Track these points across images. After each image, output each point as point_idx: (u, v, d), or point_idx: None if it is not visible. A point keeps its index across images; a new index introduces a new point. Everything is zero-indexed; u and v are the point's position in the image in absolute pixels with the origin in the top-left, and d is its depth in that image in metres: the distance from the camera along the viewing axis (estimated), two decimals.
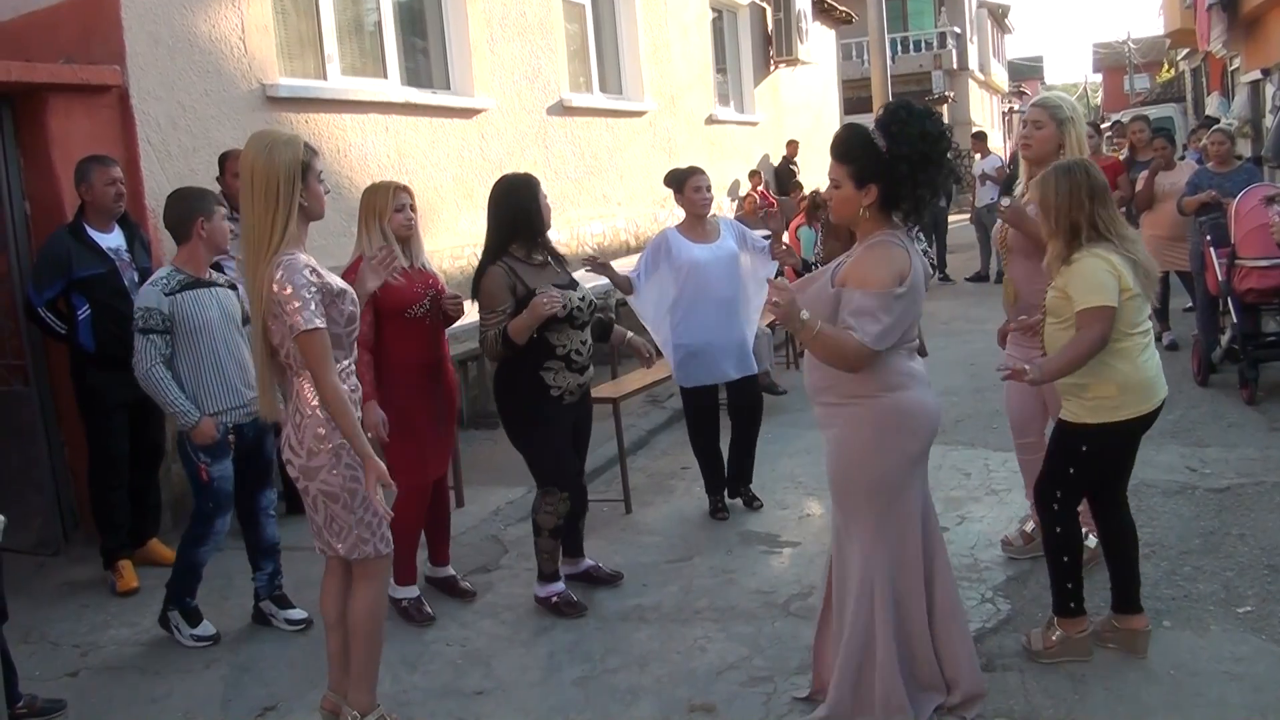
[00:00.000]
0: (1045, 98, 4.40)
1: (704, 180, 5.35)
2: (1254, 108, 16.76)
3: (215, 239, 4.26)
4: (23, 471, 5.50)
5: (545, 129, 9.32)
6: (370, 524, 3.27)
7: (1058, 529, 3.64)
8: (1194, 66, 27.33)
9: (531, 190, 4.31)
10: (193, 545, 4.35)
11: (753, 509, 5.56)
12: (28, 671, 3.99)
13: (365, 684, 3.40)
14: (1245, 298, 6.79)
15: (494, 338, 4.16)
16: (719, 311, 5.27)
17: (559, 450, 4.35)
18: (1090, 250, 3.46)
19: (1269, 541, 4.52)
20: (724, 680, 3.75)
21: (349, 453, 3.17)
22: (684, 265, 5.22)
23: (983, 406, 7.15)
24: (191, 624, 4.36)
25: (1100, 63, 52.27)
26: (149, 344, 4.11)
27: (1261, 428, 6.20)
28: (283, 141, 3.13)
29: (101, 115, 5.64)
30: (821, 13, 17.00)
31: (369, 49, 7.79)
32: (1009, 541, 4.64)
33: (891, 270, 3.07)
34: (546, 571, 4.45)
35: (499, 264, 4.23)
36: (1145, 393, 3.54)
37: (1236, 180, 7.35)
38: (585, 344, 4.38)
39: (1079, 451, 3.58)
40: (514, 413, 4.35)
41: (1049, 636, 3.66)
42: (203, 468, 4.20)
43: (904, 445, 3.21)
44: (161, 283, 4.18)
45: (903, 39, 30.82)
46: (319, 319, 3.08)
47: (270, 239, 3.09)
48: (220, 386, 4.22)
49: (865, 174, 3.11)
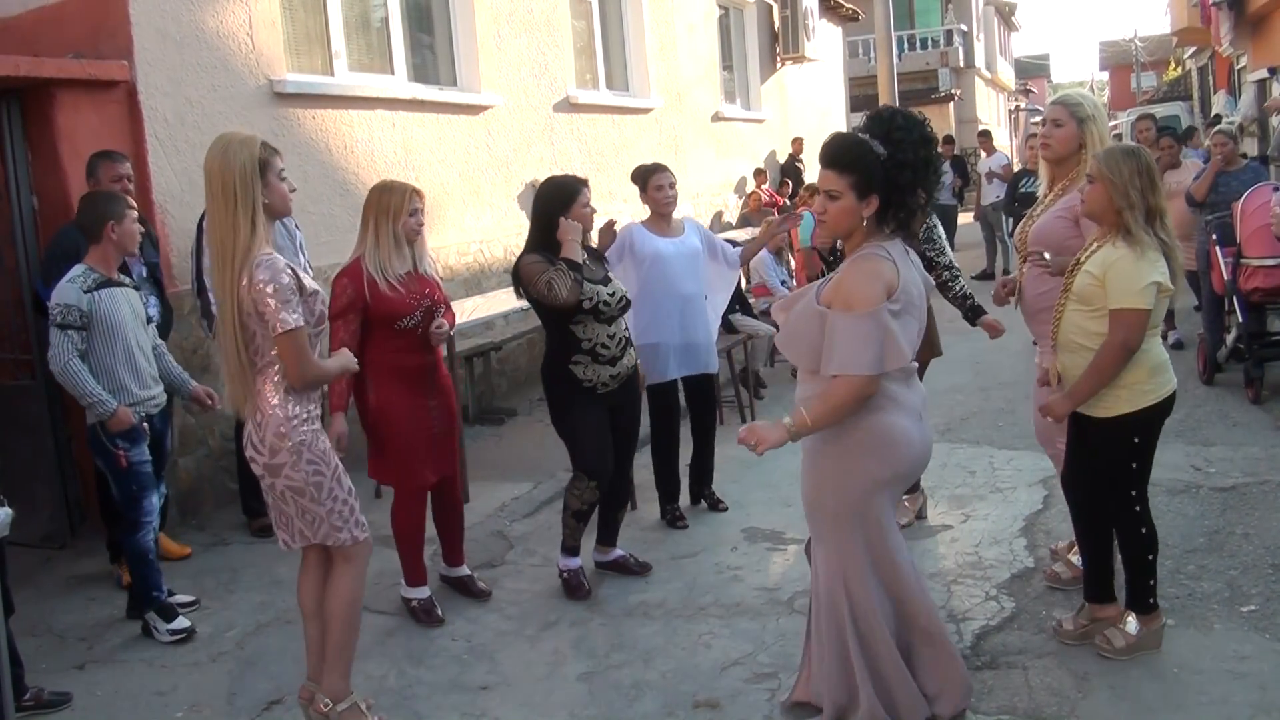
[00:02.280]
0: (1066, 95, 4.22)
1: (667, 178, 5.26)
2: (1261, 106, 16.71)
3: (124, 241, 4.36)
4: (30, 465, 5.52)
5: (551, 126, 9.32)
6: (341, 513, 3.33)
7: (1143, 529, 3.61)
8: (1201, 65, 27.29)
9: (557, 203, 4.40)
10: (132, 533, 4.40)
11: (718, 511, 5.52)
12: (34, 664, 4.02)
13: (339, 671, 3.43)
14: (1251, 297, 6.79)
15: (555, 274, 4.21)
16: (679, 307, 5.16)
17: (592, 439, 4.46)
18: (1144, 247, 3.41)
19: (1273, 540, 4.52)
20: (728, 676, 3.76)
21: (310, 449, 3.24)
22: (646, 257, 5.15)
23: (988, 405, 7.15)
24: (166, 619, 4.40)
25: (1107, 61, 52.18)
26: (66, 339, 4.22)
27: (1267, 427, 6.20)
28: (238, 141, 3.15)
29: (109, 110, 5.65)
30: (828, 10, 16.97)
31: (376, 45, 7.80)
32: (1055, 575, 4.31)
33: (877, 286, 2.94)
34: (568, 545, 4.61)
35: (532, 255, 4.38)
36: (1166, 373, 3.55)
37: (1243, 179, 7.34)
38: (613, 337, 4.44)
39: (1133, 444, 3.55)
40: (553, 402, 4.53)
41: (1127, 632, 3.63)
42: (121, 454, 4.31)
43: (872, 470, 3.08)
44: (79, 280, 4.29)
45: (909, 36, 30.78)
46: (298, 318, 3.12)
47: (236, 239, 3.10)
48: (133, 379, 4.37)
49: (868, 184, 3.00)
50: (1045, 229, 4.07)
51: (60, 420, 5.59)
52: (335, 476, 3.32)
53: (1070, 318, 3.61)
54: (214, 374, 5.99)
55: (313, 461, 3.25)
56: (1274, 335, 6.96)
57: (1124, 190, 3.43)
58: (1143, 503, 3.62)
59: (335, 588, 3.42)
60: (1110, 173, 3.47)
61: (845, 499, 3.12)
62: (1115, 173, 3.45)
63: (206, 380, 5.96)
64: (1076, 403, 3.54)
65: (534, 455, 6.63)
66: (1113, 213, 3.46)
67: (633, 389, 4.65)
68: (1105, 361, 3.44)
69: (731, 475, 6.07)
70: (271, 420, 3.21)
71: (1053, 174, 4.20)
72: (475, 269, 8.29)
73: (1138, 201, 3.43)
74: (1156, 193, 3.46)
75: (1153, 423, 3.57)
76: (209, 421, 6.02)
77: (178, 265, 5.79)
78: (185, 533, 5.65)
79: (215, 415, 6.00)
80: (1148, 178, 3.44)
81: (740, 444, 3.00)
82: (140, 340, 4.43)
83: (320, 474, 3.26)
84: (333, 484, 3.30)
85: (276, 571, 5.06)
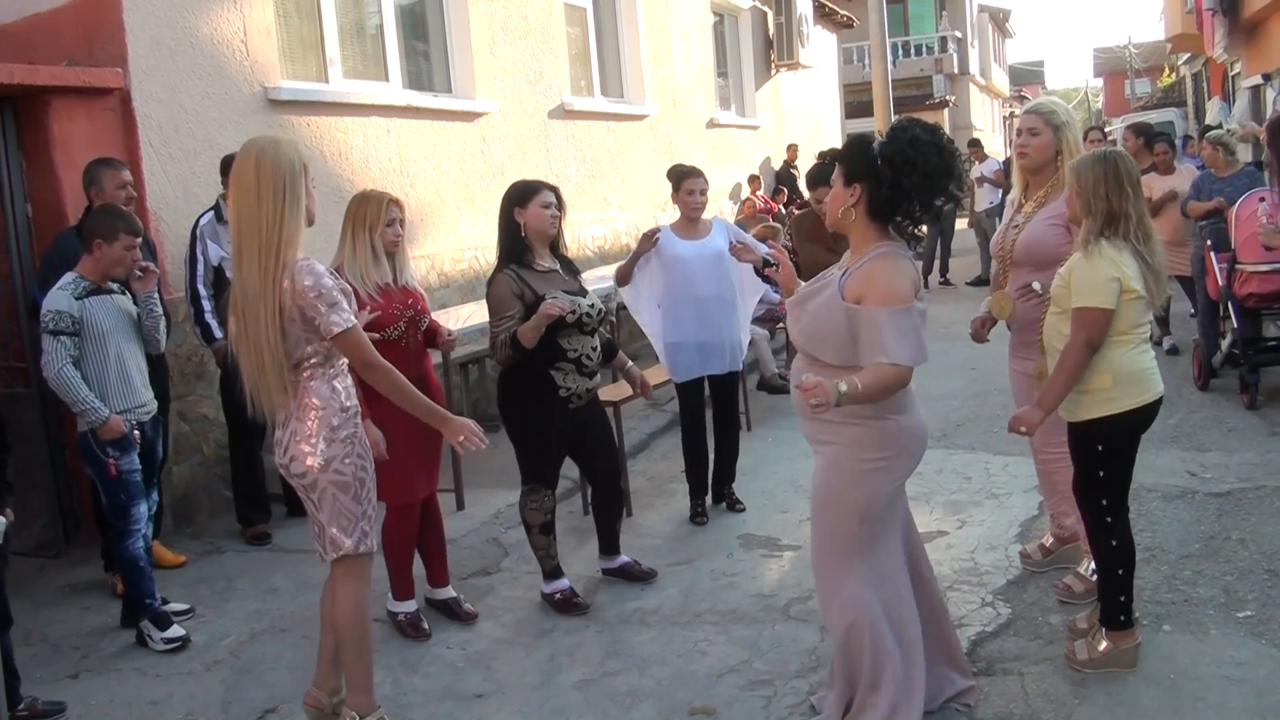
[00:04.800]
0: (1039, 104, 4.26)
1: (699, 184, 5.37)
2: (1255, 112, 16.76)
3: (104, 263, 4.36)
4: (24, 473, 5.48)
5: (546, 132, 9.33)
6: (370, 517, 3.34)
7: (1113, 542, 3.55)
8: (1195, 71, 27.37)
9: (515, 198, 4.39)
10: (121, 541, 4.39)
11: (734, 511, 5.57)
12: (28, 673, 4.00)
13: (361, 686, 3.41)
14: (1246, 302, 6.80)
15: (503, 342, 4.24)
16: (699, 308, 5.31)
17: (549, 450, 4.43)
18: (1105, 248, 3.43)
19: (1269, 546, 4.52)
20: (724, 683, 3.75)
21: (359, 443, 3.29)
22: (669, 260, 5.32)
23: (983, 410, 7.16)
24: (161, 628, 4.38)
25: (1101, 67, 52.37)
26: (59, 345, 4.23)
27: (1262, 432, 6.20)
28: (286, 142, 3.21)
29: (103, 118, 5.65)
30: (823, 17, 17.02)
31: (371, 52, 7.80)
32: (1027, 555, 4.54)
33: (908, 283, 3.07)
34: (547, 569, 4.53)
35: (505, 271, 4.33)
36: (1140, 385, 3.50)
37: (1238, 185, 7.36)
38: (595, 350, 4.45)
39: (1097, 451, 3.53)
40: (516, 409, 4.41)
41: (1095, 648, 3.59)
42: (111, 462, 4.31)
43: (904, 466, 3.21)
44: (70, 287, 4.30)
45: (904, 43, 30.83)
46: (349, 317, 3.16)
47: (279, 235, 3.08)
48: (123, 386, 4.38)
49: (853, 173, 3.13)
50: (1035, 237, 4.06)
51: (54, 428, 5.57)
52: (373, 478, 3.36)
53: (1049, 320, 3.67)
54: (209, 381, 5.98)
55: (361, 456, 3.30)
56: (1269, 341, 6.96)
57: (1087, 198, 3.47)
58: (1115, 514, 3.55)
59: (341, 603, 3.36)
60: (1077, 180, 3.52)
61: (873, 497, 3.16)
62: (1081, 179, 3.50)
63: (201, 388, 5.99)
64: (1048, 409, 3.51)
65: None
66: (1099, 215, 3.48)
67: (597, 405, 4.63)
68: (1068, 361, 3.46)
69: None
70: (325, 413, 3.22)
71: (1028, 183, 4.21)
72: (470, 276, 8.29)
73: (1098, 208, 3.45)
74: (1124, 196, 3.44)
75: (1122, 433, 3.51)
76: (203, 429, 6.01)
77: (172, 273, 5.77)
78: (179, 541, 5.63)
79: (209, 422, 6.01)
80: (1114, 181, 3.44)
81: (800, 389, 2.95)
82: (130, 347, 4.42)
83: (365, 470, 3.31)
84: (371, 485, 3.34)
85: (271, 580, 5.05)
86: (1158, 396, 3.56)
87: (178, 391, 5.73)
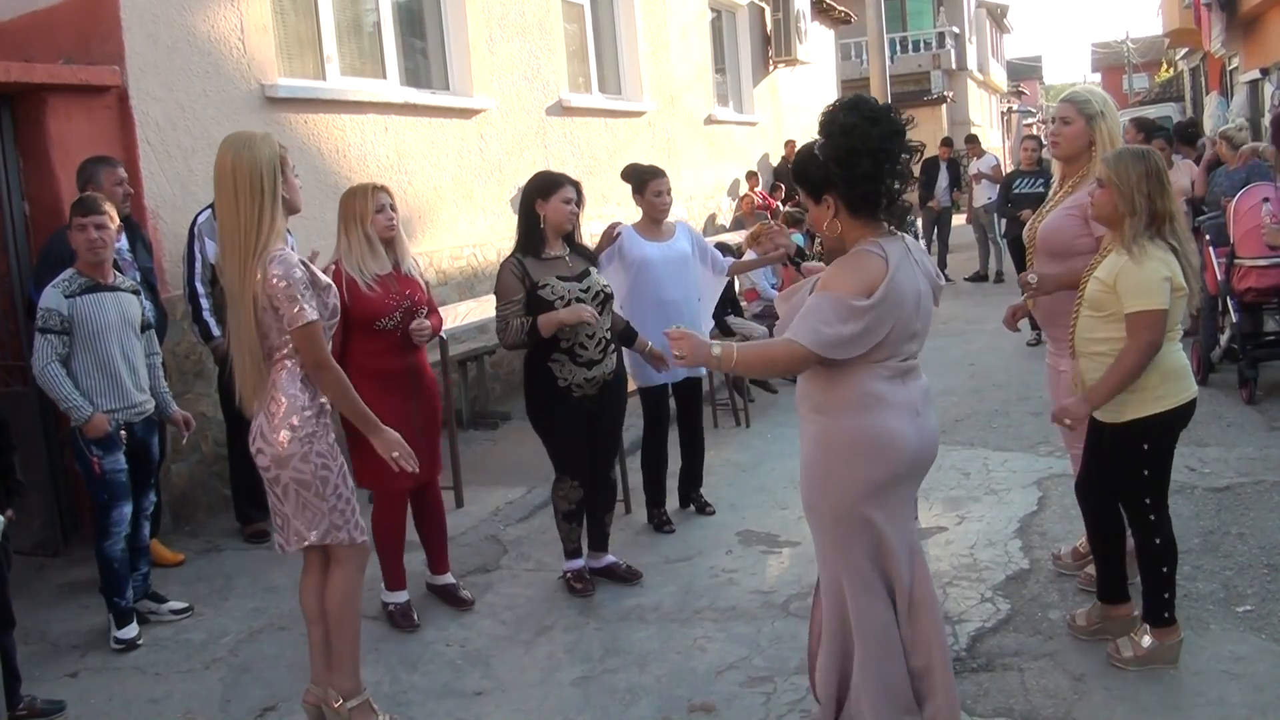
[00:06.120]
0: (1074, 92, 4.16)
1: (665, 184, 5.23)
2: (1253, 107, 16.76)
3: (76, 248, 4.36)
4: (23, 472, 5.48)
5: (544, 129, 9.32)
6: (343, 511, 3.35)
7: (1157, 540, 3.54)
8: (1193, 66, 27.35)
9: (537, 190, 4.43)
10: (101, 540, 4.40)
11: (704, 514, 5.51)
12: (27, 672, 3.99)
13: (348, 669, 3.47)
14: (1244, 297, 6.80)
15: (518, 326, 4.31)
16: (663, 312, 5.02)
17: (568, 441, 4.47)
18: (1151, 250, 3.38)
19: (1268, 540, 4.52)
20: (723, 680, 3.75)
21: (320, 441, 3.29)
22: (633, 262, 5.14)
23: (982, 406, 7.16)
24: (119, 625, 4.39)
25: (1099, 62, 52.32)
26: (46, 343, 4.24)
27: (1261, 427, 6.20)
28: (260, 138, 3.21)
29: (101, 116, 5.64)
30: (820, 13, 17.00)
31: (368, 49, 7.79)
32: (1060, 558, 4.43)
33: (858, 279, 2.88)
34: (567, 550, 4.66)
35: (510, 259, 4.43)
36: (1183, 381, 3.50)
37: (1237, 178, 7.36)
38: (592, 338, 4.41)
39: (1143, 450, 3.50)
40: (531, 402, 4.52)
41: (1139, 644, 3.57)
42: (95, 460, 4.32)
43: (865, 474, 2.94)
44: (63, 285, 4.30)
45: (901, 39, 30.82)
46: (313, 312, 3.18)
47: (258, 234, 3.14)
48: (110, 387, 4.36)
49: (815, 188, 3.01)
50: (1054, 226, 4.03)
51: (53, 427, 5.56)
52: (340, 474, 3.36)
53: (1083, 324, 3.58)
54: (207, 379, 5.98)
55: (321, 455, 3.29)
56: (1268, 335, 6.97)
57: (1130, 196, 3.39)
58: (1159, 512, 3.54)
59: (331, 589, 3.45)
60: (1117, 177, 3.42)
61: (839, 502, 3.05)
62: (1122, 177, 3.40)
63: (200, 386, 5.98)
64: (1095, 404, 3.48)
65: (528, 459, 6.60)
66: (1119, 218, 3.44)
67: (613, 394, 4.60)
68: (1129, 362, 3.38)
69: (727, 478, 6.08)
70: (285, 410, 3.25)
71: (1064, 172, 4.16)
72: (468, 273, 8.28)
73: (1142, 207, 3.38)
74: (1165, 196, 3.40)
75: (1166, 430, 3.50)
76: (202, 426, 6.00)
77: (170, 271, 5.77)
78: (178, 539, 5.63)
79: (208, 420, 6.00)
80: (1156, 181, 3.39)
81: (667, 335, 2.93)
82: (127, 346, 4.40)
83: (327, 468, 3.31)
84: (338, 480, 3.34)
85: (270, 578, 5.05)
86: (1194, 396, 3.55)
87: (176, 390, 5.71)
